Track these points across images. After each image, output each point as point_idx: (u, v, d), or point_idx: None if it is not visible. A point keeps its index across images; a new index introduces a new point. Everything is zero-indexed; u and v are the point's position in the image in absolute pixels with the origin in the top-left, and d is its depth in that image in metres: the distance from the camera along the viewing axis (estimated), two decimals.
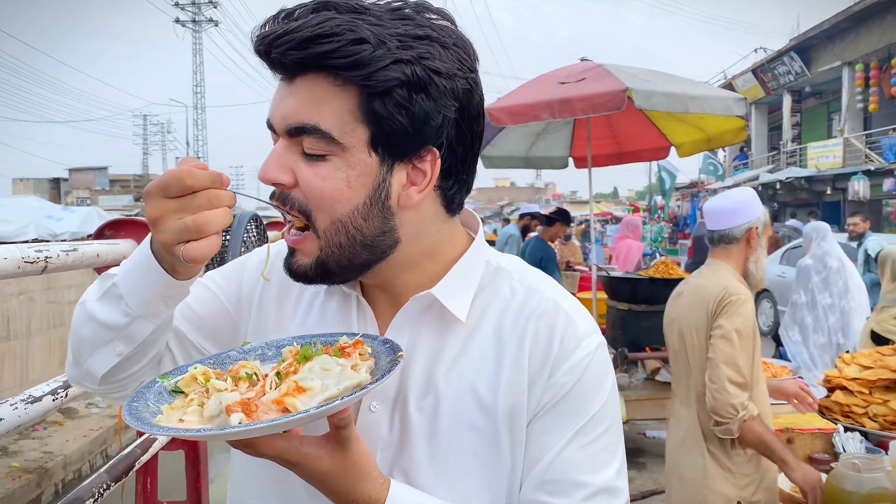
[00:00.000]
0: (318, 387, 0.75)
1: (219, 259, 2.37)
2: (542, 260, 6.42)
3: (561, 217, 7.12)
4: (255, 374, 0.79)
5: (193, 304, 1.01)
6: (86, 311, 0.89)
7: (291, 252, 0.88)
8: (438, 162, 0.86)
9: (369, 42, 0.77)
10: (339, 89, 0.80)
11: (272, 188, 0.86)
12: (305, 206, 0.84)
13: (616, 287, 6.00)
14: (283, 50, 0.79)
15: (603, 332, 0.98)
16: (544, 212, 8.14)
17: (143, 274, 0.84)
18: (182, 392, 0.80)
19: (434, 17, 0.85)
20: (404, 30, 0.80)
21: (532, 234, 8.45)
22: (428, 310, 0.91)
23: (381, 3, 0.84)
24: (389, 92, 0.79)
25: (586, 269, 8.25)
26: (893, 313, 4.61)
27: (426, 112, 0.82)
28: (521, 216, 8.53)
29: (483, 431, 0.88)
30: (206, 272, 1.02)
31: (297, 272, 0.88)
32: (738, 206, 2.57)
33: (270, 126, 0.86)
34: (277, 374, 0.78)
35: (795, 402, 2.75)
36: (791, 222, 16.28)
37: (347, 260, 0.86)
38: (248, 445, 0.75)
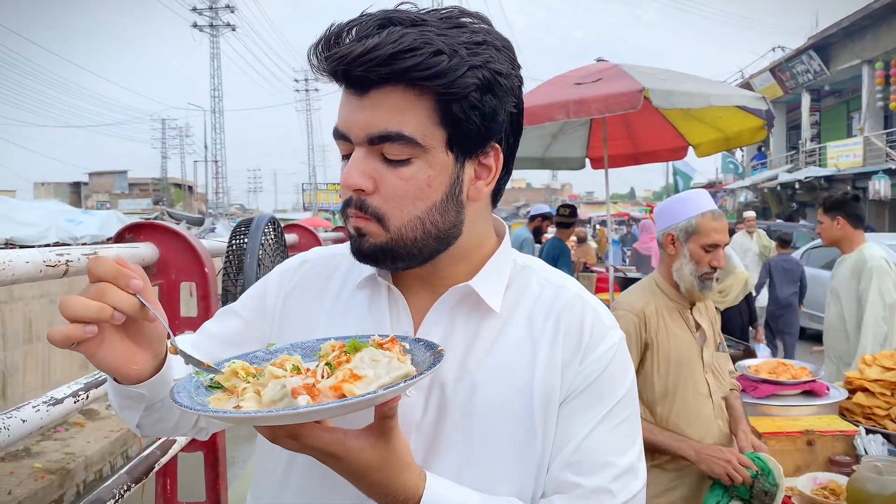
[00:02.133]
0: (371, 375, 0.76)
1: (237, 261, 2.39)
2: (558, 258, 6.32)
3: (571, 215, 6.90)
4: (298, 367, 0.80)
5: (223, 332, 1.06)
6: None
7: (360, 233, 0.92)
8: (501, 156, 0.95)
9: (445, 53, 0.84)
10: (418, 97, 0.86)
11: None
12: (380, 210, 0.90)
13: None
14: (369, 67, 0.83)
15: None
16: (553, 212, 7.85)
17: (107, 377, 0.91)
18: (219, 387, 0.80)
19: (475, 21, 0.91)
20: (465, 38, 0.87)
21: (546, 236, 8.30)
22: (463, 301, 0.97)
23: (425, 12, 0.90)
24: (466, 96, 0.86)
25: (603, 270, 8.19)
26: (718, 288, 6.20)
27: (494, 110, 0.90)
28: (532, 217, 8.20)
29: (518, 415, 0.93)
30: (224, 286, 1.04)
31: (366, 253, 0.92)
32: (662, 210, 2.44)
33: (342, 136, 0.91)
34: (328, 364, 0.79)
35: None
36: (804, 223, 16.13)
37: (418, 250, 0.92)
38: (293, 437, 0.76)
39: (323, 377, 0.77)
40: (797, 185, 21.69)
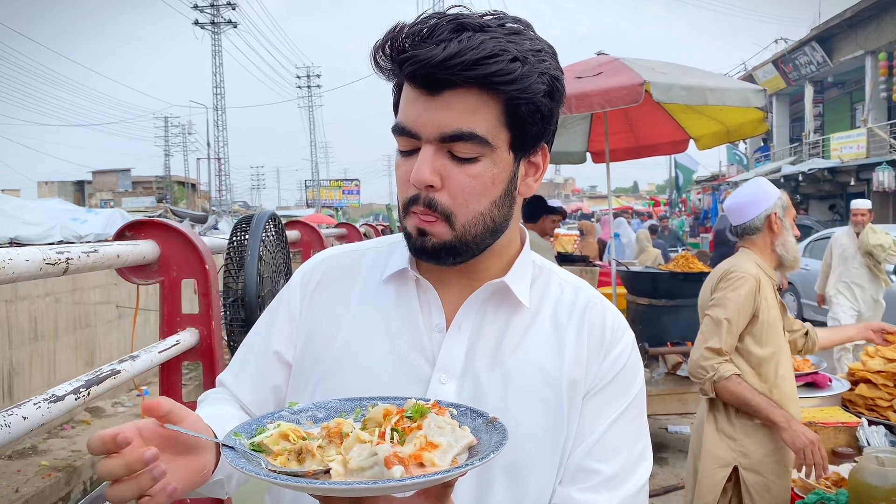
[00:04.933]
0: (445, 443, 0.77)
1: (238, 258, 2.39)
2: None
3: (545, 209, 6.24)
4: (352, 432, 0.80)
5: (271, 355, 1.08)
6: None
7: (422, 233, 0.95)
8: (548, 154, 1.03)
9: (520, 60, 0.90)
10: (490, 99, 0.92)
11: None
12: (448, 207, 0.94)
13: (636, 282, 5.97)
14: (454, 71, 0.88)
15: None
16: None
17: None
18: (262, 451, 0.79)
19: (524, 27, 0.96)
20: (528, 45, 0.93)
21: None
22: (494, 295, 1.02)
23: (478, 15, 0.94)
24: (534, 100, 0.93)
25: (605, 263, 8.19)
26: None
27: (551, 113, 0.97)
28: None
29: (550, 403, 0.99)
30: (228, 298, 1.04)
31: (430, 251, 0.96)
32: (752, 197, 2.66)
33: (408, 133, 0.94)
34: (394, 430, 0.79)
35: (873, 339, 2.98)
36: (807, 217, 16.12)
37: (475, 244, 0.98)
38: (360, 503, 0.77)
39: (392, 443, 0.77)
40: (801, 178, 21.61)
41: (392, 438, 0.77)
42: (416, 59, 0.89)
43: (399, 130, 0.95)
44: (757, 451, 2.51)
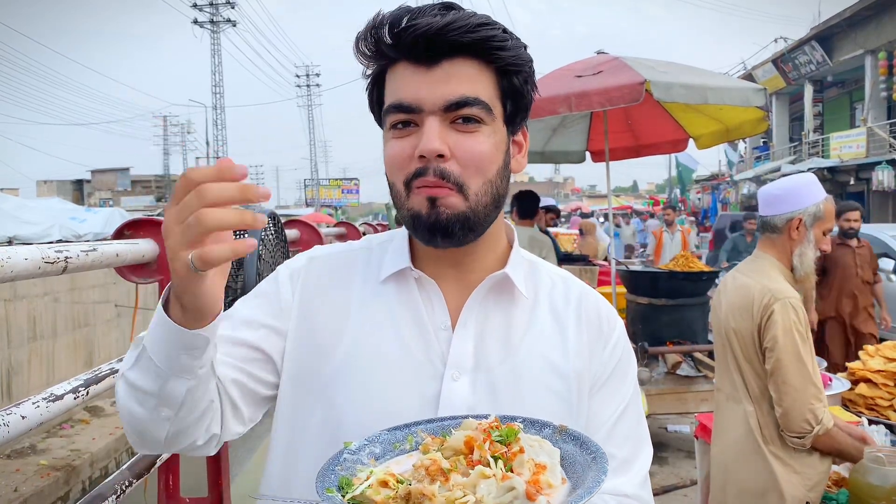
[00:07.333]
0: (549, 462, 0.77)
1: (237, 260, 2.39)
2: None
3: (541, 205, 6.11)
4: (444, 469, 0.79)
5: (247, 339, 1.01)
6: (125, 382, 0.87)
7: (434, 203, 0.93)
8: (528, 134, 1.06)
9: (507, 32, 0.96)
10: (485, 69, 0.95)
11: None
12: (460, 176, 0.94)
13: (636, 281, 5.96)
14: (459, 34, 0.91)
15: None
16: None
17: (161, 330, 0.82)
18: (361, 502, 0.76)
19: None
20: (503, 25, 0.97)
21: (553, 229, 8.37)
22: (494, 287, 1.03)
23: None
24: (524, 69, 0.97)
25: (604, 263, 8.19)
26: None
27: (533, 88, 1.00)
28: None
29: (560, 393, 1.01)
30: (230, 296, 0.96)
31: (444, 224, 0.94)
32: (785, 192, 2.36)
33: (406, 108, 0.94)
34: (494, 457, 0.77)
35: None
36: None
37: (485, 217, 0.97)
38: None
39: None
40: None
41: (496, 466, 0.76)
42: (416, 28, 0.91)
43: (397, 108, 0.95)
44: (821, 479, 2.28)
